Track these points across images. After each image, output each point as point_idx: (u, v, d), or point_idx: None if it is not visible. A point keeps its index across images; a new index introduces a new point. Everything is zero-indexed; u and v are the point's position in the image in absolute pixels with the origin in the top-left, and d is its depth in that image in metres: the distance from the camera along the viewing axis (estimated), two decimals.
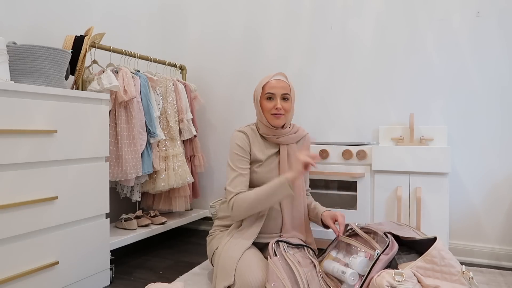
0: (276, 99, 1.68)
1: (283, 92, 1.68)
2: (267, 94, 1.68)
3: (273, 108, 1.67)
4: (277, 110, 1.67)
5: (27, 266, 1.42)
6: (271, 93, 1.67)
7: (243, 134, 1.72)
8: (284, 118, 1.70)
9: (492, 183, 2.07)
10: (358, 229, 1.61)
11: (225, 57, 2.72)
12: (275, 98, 1.68)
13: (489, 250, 2.06)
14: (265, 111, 1.70)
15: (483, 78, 2.09)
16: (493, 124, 2.07)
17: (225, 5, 2.71)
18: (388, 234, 1.50)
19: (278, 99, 1.67)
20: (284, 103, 1.68)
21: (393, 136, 2.22)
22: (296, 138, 1.78)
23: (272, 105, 1.67)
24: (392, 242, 1.46)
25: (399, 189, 1.96)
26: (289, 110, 1.70)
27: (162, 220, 2.26)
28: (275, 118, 1.68)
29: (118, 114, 1.98)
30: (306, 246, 1.60)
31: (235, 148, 1.69)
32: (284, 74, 1.74)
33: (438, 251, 1.37)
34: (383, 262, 1.40)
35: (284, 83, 1.70)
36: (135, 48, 2.62)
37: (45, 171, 1.48)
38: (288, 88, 1.70)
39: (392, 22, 2.28)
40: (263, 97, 1.70)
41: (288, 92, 1.69)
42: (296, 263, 1.43)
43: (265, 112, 1.70)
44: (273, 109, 1.67)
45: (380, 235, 1.52)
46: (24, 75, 1.54)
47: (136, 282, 1.81)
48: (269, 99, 1.68)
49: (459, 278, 1.32)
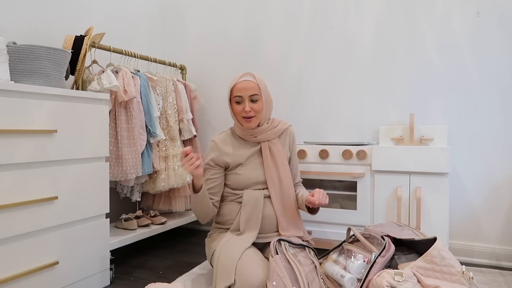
0: (244, 101, 1.66)
1: (250, 94, 1.66)
2: (235, 97, 1.67)
3: (243, 111, 1.67)
4: (246, 113, 1.66)
5: (27, 266, 1.42)
6: (239, 96, 1.66)
7: (214, 143, 1.76)
8: (256, 119, 1.69)
9: (492, 183, 2.07)
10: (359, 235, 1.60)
11: (225, 57, 2.72)
12: (243, 101, 1.67)
13: (489, 250, 2.06)
14: (236, 114, 1.70)
15: (483, 78, 2.09)
16: (493, 124, 2.07)
17: (225, 5, 2.71)
18: (385, 237, 1.50)
19: (246, 102, 1.66)
20: (253, 105, 1.67)
21: (393, 136, 2.22)
22: (277, 133, 1.78)
23: (241, 108, 1.67)
24: (389, 244, 1.47)
25: (399, 189, 1.96)
26: (260, 110, 1.68)
27: (162, 220, 2.26)
28: (246, 122, 1.69)
29: (118, 114, 1.98)
30: (307, 247, 1.60)
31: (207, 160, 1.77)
32: (251, 73, 1.70)
33: (438, 251, 1.37)
34: (380, 264, 1.40)
35: (252, 83, 1.67)
36: (135, 48, 2.62)
37: (45, 171, 1.48)
38: (257, 88, 1.67)
39: (392, 22, 2.28)
40: (232, 101, 1.70)
41: (256, 93, 1.66)
42: (297, 262, 1.43)
43: (236, 115, 1.71)
44: (243, 112, 1.67)
45: (377, 238, 1.52)
46: (24, 75, 1.54)
47: (136, 282, 1.81)
48: (237, 102, 1.68)
49: (459, 278, 1.32)
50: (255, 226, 1.64)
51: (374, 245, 1.51)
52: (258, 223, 1.64)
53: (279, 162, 1.73)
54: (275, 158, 1.72)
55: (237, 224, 1.67)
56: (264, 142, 1.74)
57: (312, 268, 1.46)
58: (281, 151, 1.75)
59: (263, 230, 1.67)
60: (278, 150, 1.74)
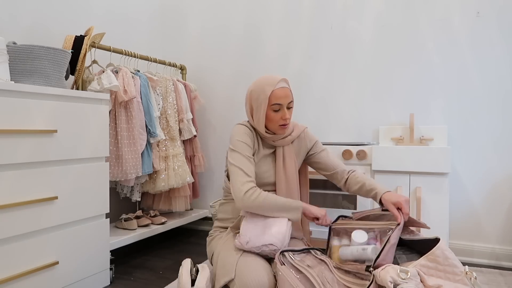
0: (283, 109, 1.60)
1: (289, 101, 1.61)
2: (274, 105, 1.58)
3: (281, 119, 1.60)
4: (285, 121, 1.60)
5: (27, 266, 1.42)
6: (278, 104, 1.58)
7: (247, 128, 1.66)
8: (289, 126, 1.65)
9: (492, 183, 2.07)
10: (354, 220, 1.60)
11: (225, 57, 2.72)
12: (282, 108, 1.59)
13: (489, 250, 2.06)
14: (271, 122, 1.62)
15: (483, 78, 2.09)
16: (493, 124, 2.07)
17: (225, 5, 2.71)
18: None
19: (285, 110, 1.60)
20: (289, 112, 1.62)
21: (393, 136, 2.22)
22: (292, 139, 1.77)
23: (279, 117, 1.60)
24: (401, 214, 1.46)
25: (399, 189, 1.96)
26: (291, 117, 1.65)
27: (162, 220, 2.26)
28: (282, 129, 1.63)
29: (118, 114, 1.98)
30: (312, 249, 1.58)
31: (241, 137, 1.61)
32: (286, 79, 1.64)
33: (442, 250, 1.37)
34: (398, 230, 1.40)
35: (288, 90, 1.62)
36: (135, 48, 2.62)
37: (45, 171, 1.48)
38: (291, 95, 1.63)
39: (392, 22, 2.28)
40: (269, 108, 1.60)
41: (292, 100, 1.62)
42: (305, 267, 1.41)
43: (271, 123, 1.63)
44: (281, 121, 1.60)
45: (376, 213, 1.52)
46: (24, 75, 1.54)
47: (136, 282, 1.81)
48: (275, 110, 1.60)
49: (462, 278, 1.31)
50: None
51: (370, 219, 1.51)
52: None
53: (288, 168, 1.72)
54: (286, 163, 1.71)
55: (238, 223, 1.67)
56: (280, 147, 1.73)
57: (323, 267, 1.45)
58: (292, 159, 1.74)
59: None
60: (291, 157, 1.72)
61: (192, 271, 1.46)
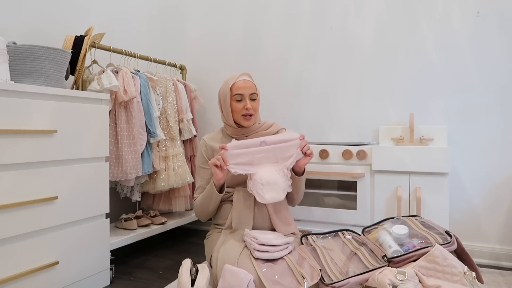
0: (245, 99, 1.72)
1: (251, 92, 1.72)
2: (236, 95, 1.72)
3: (243, 108, 1.71)
4: (247, 111, 1.71)
5: (27, 266, 1.42)
6: (240, 94, 1.71)
7: (203, 142, 1.81)
8: (254, 118, 1.75)
9: (492, 183, 2.07)
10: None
11: (225, 57, 2.72)
12: (244, 99, 1.72)
13: (489, 250, 2.06)
14: (235, 112, 1.73)
15: (483, 78, 2.09)
16: (493, 124, 2.07)
17: (225, 6, 2.71)
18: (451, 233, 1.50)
19: (247, 100, 1.71)
20: (252, 103, 1.73)
21: (393, 136, 2.22)
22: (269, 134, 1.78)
23: (242, 106, 1.71)
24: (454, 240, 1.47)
25: (399, 189, 1.96)
26: (257, 109, 1.76)
27: (162, 220, 2.26)
28: (245, 120, 1.73)
29: (118, 114, 1.98)
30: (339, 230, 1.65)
31: (198, 157, 1.83)
32: (249, 74, 1.78)
33: (441, 251, 1.37)
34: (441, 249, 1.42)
35: (250, 82, 1.74)
36: (135, 48, 2.62)
37: (45, 171, 1.48)
38: (255, 87, 1.75)
39: (392, 22, 2.28)
40: (232, 99, 1.73)
41: (255, 92, 1.74)
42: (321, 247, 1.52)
43: (235, 114, 1.74)
44: (243, 110, 1.71)
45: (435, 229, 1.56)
46: (24, 75, 1.54)
47: (136, 282, 1.81)
48: (237, 100, 1.72)
49: (461, 279, 1.32)
50: (247, 224, 1.65)
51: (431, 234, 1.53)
52: (250, 220, 1.65)
53: None
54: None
55: (229, 222, 1.68)
56: None
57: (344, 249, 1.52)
58: None
59: (256, 228, 1.68)
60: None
61: (192, 271, 1.47)
